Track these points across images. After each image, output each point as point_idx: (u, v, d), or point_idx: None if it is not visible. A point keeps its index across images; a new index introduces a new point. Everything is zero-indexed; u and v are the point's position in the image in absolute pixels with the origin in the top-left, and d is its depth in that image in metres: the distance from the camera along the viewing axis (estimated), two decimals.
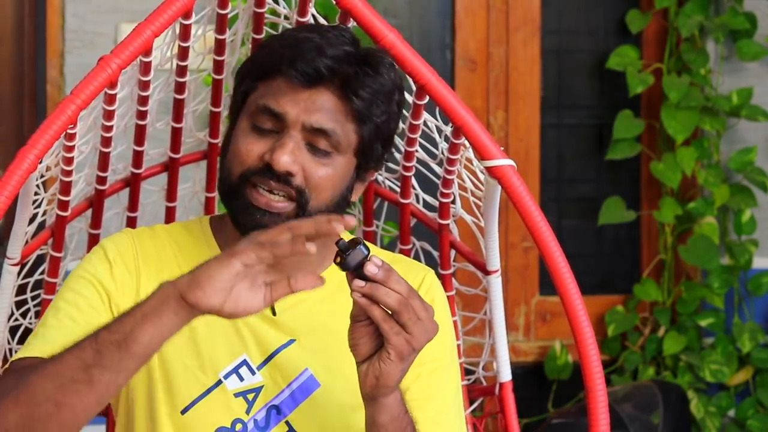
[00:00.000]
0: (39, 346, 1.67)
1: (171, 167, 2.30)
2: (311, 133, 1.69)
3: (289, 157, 1.67)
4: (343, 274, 1.53)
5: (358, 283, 1.52)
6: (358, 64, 1.69)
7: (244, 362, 1.76)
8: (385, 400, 1.58)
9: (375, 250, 1.88)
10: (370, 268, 1.51)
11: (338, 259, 1.52)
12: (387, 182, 2.34)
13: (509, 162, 1.82)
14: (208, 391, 1.75)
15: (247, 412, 1.75)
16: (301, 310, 1.78)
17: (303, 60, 1.67)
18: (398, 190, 2.30)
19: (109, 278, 1.75)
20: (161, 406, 1.75)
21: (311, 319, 1.78)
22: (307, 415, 1.75)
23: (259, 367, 1.76)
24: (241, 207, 1.71)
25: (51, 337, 1.67)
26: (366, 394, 1.59)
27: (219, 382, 1.75)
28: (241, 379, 1.76)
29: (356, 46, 1.71)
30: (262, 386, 1.76)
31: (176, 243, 1.81)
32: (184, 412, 1.74)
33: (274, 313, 1.77)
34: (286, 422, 1.76)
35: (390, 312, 1.52)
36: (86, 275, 1.76)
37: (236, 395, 1.75)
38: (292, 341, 1.77)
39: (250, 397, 1.75)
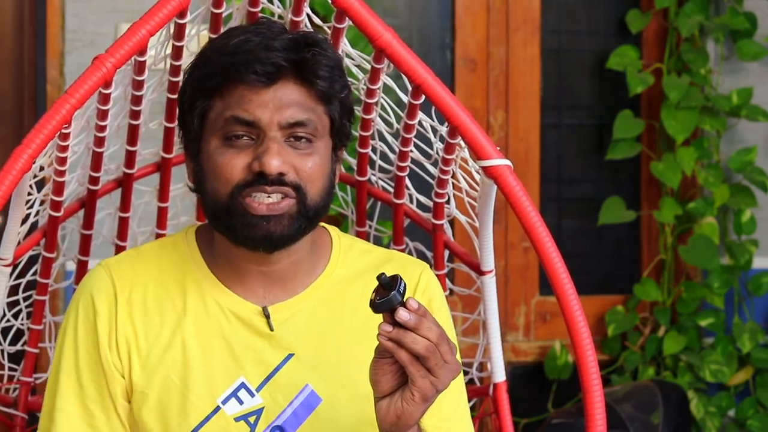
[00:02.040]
0: None
1: (163, 167, 2.29)
2: (288, 129, 1.68)
3: (278, 159, 1.66)
4: (336, 283, 1.50)
5: (386, 327, 1.51)
6: (307, 47, 1.69)
7: (242, 385, 1.73)
8: None
9: (368, 248, 1.87)
10: (402, 315, 1.50)
11: (373, 296, 1.52)
12: (380, 182, 2.33)
13: (505, 162, 1.81)
14: (207, 418, 1.71)
15: None
16: (297, 322, 1.76)
17: (258, 61, 1.66)
18: (392, 190, 2.29)
19: (97, 344, 1.73)
20: None
21: (307, 330, 1.76)
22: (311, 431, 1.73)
23: (258, 388, 1.73)
24: (240, 223, 1.68)
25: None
26: (385, 430, 1.57)
27: (217, 409, 1.72)
28: (241, 402, 1.72)
29: (292, 33, 1.71)
30: (263, 407, 1.73)
31: (159, 263, 1.77)
32: None
33: (271, 329, 1.74)
34: None
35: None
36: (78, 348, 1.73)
37: (237, 419, 1.72)
38: (290, 356, 1.74)
39: (252, 419, 1.72)
